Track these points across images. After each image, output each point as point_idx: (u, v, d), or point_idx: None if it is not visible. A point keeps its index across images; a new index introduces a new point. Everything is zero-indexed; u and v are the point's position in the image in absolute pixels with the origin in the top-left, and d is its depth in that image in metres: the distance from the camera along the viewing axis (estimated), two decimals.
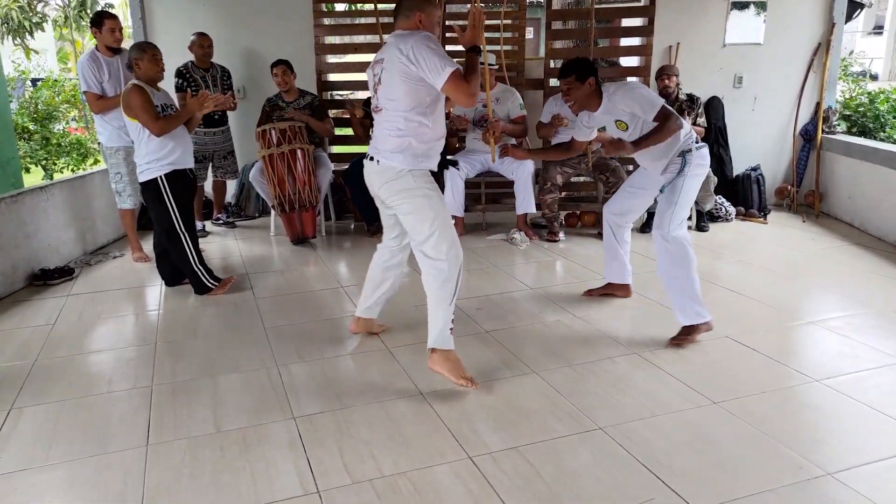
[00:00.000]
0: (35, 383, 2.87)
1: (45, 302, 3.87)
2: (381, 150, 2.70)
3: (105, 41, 4.34)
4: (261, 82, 5.64)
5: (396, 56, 2.52)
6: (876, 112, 6.15)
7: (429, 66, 2.47)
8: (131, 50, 3.73)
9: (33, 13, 13.28)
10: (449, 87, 2.48)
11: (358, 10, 6.77)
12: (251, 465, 2.23)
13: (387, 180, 2.70)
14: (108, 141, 4.42)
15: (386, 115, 2.67)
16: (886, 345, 3.09)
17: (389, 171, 2.67)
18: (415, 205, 2.68)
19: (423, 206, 2.67)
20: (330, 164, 5.23)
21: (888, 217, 4.87)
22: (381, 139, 2.71)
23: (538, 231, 5.14)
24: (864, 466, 2.17)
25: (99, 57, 4.34)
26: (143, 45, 3.76)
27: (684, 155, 3.16)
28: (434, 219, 2.66)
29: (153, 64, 3.70)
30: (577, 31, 6.28)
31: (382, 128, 2.70)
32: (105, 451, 2.34)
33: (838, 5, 5.74)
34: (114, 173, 4.48)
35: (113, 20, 4.40)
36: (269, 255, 4.79)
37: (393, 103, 2.62)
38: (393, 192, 2.71)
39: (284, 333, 3.35)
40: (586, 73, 3.22)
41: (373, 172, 2.76)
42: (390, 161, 2.67)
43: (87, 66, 4.31)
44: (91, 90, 4.30)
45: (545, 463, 2.21)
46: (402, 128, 2.62)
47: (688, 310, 3.09)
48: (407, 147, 2.64)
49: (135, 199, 4.48)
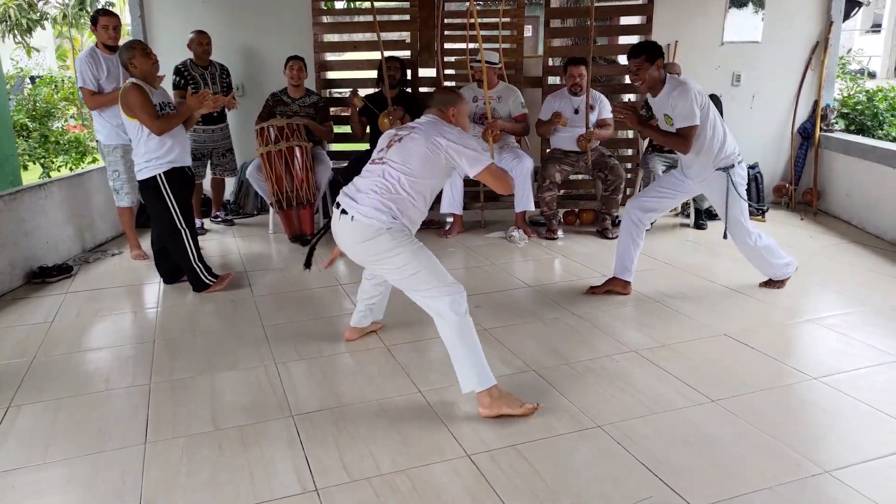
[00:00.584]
0: (33, 381, 2.86)
1: (43, 299, 3.87)
2: (359, 206, 2.53)
3: (101, 38, 4.33)
4: (259, 80, 5.64)
5: (431, 145, 2.51)
6: (874, 110, 6.15)
7: (467, 161, 2.53)
8: (121, 52, 3.70)
9: (33, 11, 13.25)
10: (484, 176, 2.56)
11: (356, 9, 6.76)
12: (249, 464, 2.23)
13: (362, 240, 2.52)
14: (105, 139, 4.41)
15: (384, 171, 2.55)
16: (884, 342, 3.10)
17: (366, 229, 2.49)
18: (399, 264, 2.50)
19: (409, 264, 2.49)
20: (329, 161, 5.22)
21: (886, 215, 4.88)
22: (364, 193, 2.55)
23: (537, 229, 5.14)
24: (863, 464, 2.18)
25: (98, 54, 4.33)
26: (131, 43, 3.74)
27: (728, 171, 3.42)
28: (421, 271, 2.49)
29: (145, 58, 3.66)
30: (576, 30, 6.27)
31: (371, 181, 2.56)
32: (103, 450, 2.34)
33: (836, 4, 5.74)
34: (111, 171, 4.47)
35: (108, 17, 4.38)
36: (268, 253, 4.78)
37: (401, 167, 2.53)
38: (370, 254, 2.55)
39: (283, 331, 3.35)
40: (655, 55, 3.34)
41: (345, 229, 2.56)
42: (367, 219, 2.49)
43: (85, 62, 4.31)
44: (86, 86, 4.30)
45: (543, 461, 2.21)
46: (395, 192, 2.52)
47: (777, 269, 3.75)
48: (388, 210, 2.51)
49: (132, 196, 4.47)
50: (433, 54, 5.56)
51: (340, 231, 2.60)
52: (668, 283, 3.97)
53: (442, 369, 2.84)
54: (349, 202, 2.57)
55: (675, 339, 3.16)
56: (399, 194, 2.52)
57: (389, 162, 2.55)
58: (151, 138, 3.65)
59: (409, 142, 2.55)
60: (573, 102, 5.02)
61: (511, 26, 5.65)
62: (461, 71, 5.74)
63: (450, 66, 5.84)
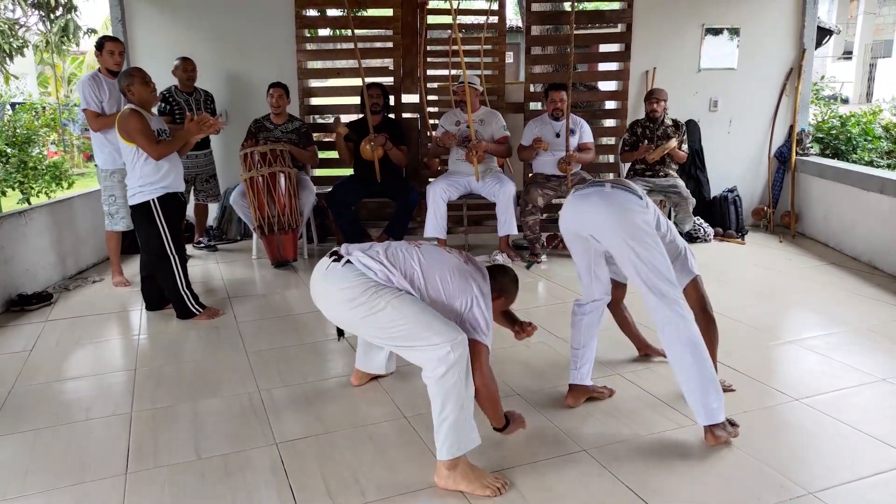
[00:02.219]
0: (11, 411, 2.81)
1: (22, 328, 3.81)
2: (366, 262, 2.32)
3: (105, 64, 4.39)
4: (244, 106, 5.66)
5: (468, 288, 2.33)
6: (848, 135, 6.30)
7: (471, 325, 2.30)
8: (120, 78, 3.74)
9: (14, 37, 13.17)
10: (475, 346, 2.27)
11: (340, 36, 6.83)
12: (232, 493, 2.20)
13: (349, 298, 2.25)
14: (103, 163, 4.43)
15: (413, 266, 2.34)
16: (864, 363, 3.14)
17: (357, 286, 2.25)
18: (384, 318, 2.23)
19: (400, 316, 2.22)
20: (313, 187, 5.23)
21: (861, 237, 4.97)
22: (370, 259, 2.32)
23: (520, 252, 5.17)
24: (845, 485, 2.20)
25: (100, 77, 4.39)
26: (131, 70, 3.76)
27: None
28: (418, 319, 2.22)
29: (144, 87, 3.70)
30: (557, 56, 6.39)
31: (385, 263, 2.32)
32: (83, 480, 2.29)
33: (808, 32, 5.90)
34: (107, 195, 4.47)
35: (114, 43, 4.46)
36: (251, 279, 4.76)
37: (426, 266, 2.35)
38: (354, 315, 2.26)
39: (266, 357, 3.33)
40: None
41: (327, 277, 2.33)
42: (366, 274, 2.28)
43: (88, 84, 4.36)
44: (90, 108, 4.34)
45: (530, 486, 2.21)
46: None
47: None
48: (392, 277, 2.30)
49: (127, 221, 4.45)
50: (416, 81, 5.63)
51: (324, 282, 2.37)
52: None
53: (427, 395, 2.83)
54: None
55: (657, 361, 3.18)
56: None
57: (413, 273, 2.32)
58: (147, 163, 3.65)
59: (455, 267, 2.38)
60: (554, 127, 5.09)
61: (493, 53, 5.73)
62: (444, 97, 5.81)
63: (432, 91, 5.91)
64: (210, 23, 5.62)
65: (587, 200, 2.64)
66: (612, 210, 2.52)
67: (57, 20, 13.40)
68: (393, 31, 5.69)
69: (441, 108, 5.76)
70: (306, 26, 5.81)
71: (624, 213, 2.50)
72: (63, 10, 13.18)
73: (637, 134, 5.32)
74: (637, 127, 5.35)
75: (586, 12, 6.80)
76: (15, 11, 13.79)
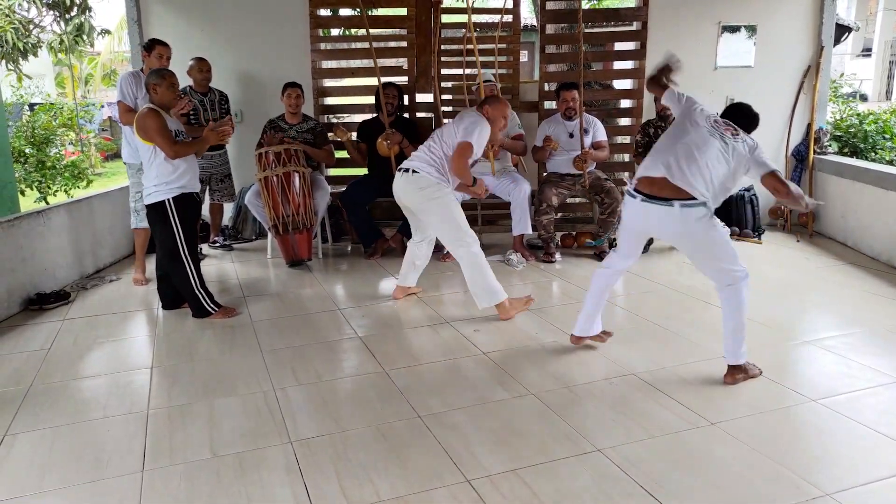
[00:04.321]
0: (29, 409, 2.85)
1: (40, 326, 3.86)
2: (417, 164, 3.67)
3: (151, 65, 4.46)
4: (258, 106, 5.69)
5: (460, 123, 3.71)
6: (866, 133, 6.22)
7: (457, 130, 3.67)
8: (150, 75, 3.79)
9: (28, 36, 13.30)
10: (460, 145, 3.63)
11: (354, 36, 6.84)
12: (247, 491, 2.22)
13: (420, 187, 3.63)
14: (127, 157, 4.55)
15: (430, 145, 3.77)
16: (881, 363, 3.10)
17: (422, 179, 3.63)
18: (441, 210, 3.66)
19: (448, 213, 3.65)
20: (327, 186, 5.25)
21: (880, 237, 4.91)
22: (418, 158, 3.72)
23: (534, 252, 5.16)
24: (863, 486, 2.17)
25: (141, 76, 4.48)
26: (164, 72, 3.81)
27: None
28: (456, 219, 3.68)
29: (170, 91, 3.77)
30: (571, 55, 6.35)
31: (422, 151, 3.75)
32: (100, 478, 2.32)
33: (826, 29, 5.83)
34: (134, 192, 4.55)
35: (163, 47, 4.56)
36: (266, 278, 4.79)
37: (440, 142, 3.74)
38: (425, 198, 3.65)
39: (281, 356, 3.34)
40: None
41: (406, 181, 3.67)
42: (424, 171, 3.64)
43: (128, 80, 4.51)
44: (125, 101, 4.45)
45: (543, 485, 2.20)
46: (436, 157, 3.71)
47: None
48: (434, 165, 3.68)
49: None
50: (430, 80, 5.62)
51: (402, 185, 3.73)
52: (666, 305, 3.99)
53: (441, 394, 2.84)
54: (409, 162, 3.76)
55: (673, 361, 3.16)
56: (437, 159, 3.70)
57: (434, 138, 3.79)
58: (164, 163, 3.69)
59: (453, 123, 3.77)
60: (567, 127, 5.07)
61: (507, 52, 5.72)
62: (458, 96, 5.81)
63: (447, 91, 5.90)
64: (225, 23, 5.66)
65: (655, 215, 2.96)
66: (686, 234, 3.00)
67: (72, 20, 13.54)
68: (407, 30, 5.70)
69: (455, 108, 5.76)
70: (320, 26, 5.83)
71: (695, 232, 3.00)
72: (78, 11, 13.32)
73: (650, 135, 5.27)
74: (649, 127, 5.30)
75: (601, 10, 6.78)
76: (30, 11, 13.96)
